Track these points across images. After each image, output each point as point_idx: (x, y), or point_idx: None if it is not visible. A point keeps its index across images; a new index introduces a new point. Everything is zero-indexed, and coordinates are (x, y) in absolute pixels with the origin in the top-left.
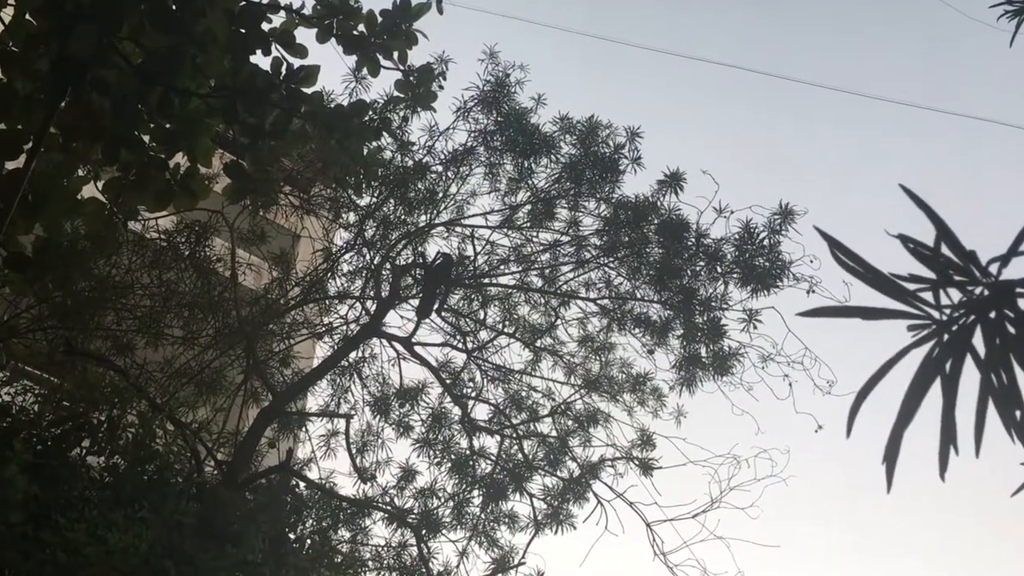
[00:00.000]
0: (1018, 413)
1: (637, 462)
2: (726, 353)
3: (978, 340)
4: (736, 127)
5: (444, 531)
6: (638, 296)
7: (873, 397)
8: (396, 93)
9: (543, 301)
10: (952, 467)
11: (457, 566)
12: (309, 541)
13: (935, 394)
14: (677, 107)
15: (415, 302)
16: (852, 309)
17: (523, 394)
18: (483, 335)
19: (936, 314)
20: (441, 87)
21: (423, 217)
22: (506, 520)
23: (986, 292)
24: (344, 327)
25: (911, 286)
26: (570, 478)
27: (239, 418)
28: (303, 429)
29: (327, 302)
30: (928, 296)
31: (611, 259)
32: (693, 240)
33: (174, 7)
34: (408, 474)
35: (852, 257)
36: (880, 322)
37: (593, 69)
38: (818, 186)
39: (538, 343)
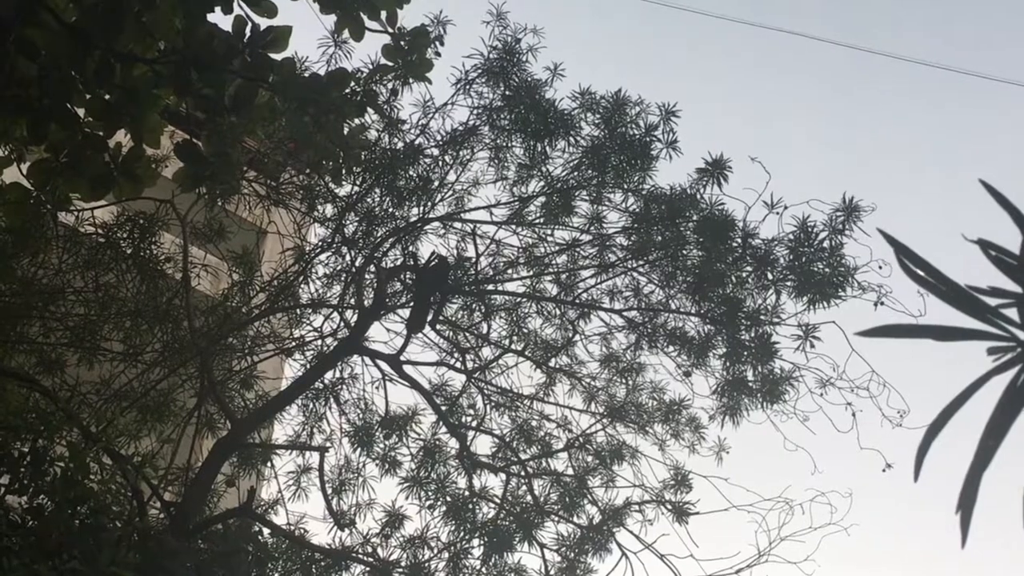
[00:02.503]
0: None
1: (670, 506)
2: (777, 376)
3: None
4: (794, 106)
5: None
6: (673, 307)
7: (950, 431)
8: (384, 61)
9: (558, 312)
10: None
11: None
12: None
13: (1021, 428)
14: (722, 83)
15: (405, 312)
16: (923, 328)
17: (533, 424)
18: (486, 353)
19: (1021, 334)
20: (438, 54)
21: (415, 210)
22: (512, 575)
23: None
24: (319, 342)
25: (992, 301)
26: (589, 525)
27: (191, 451)
28: (268, 464)
29: (298, 311)
30: (1013, 313)
31: (641, 262)
32: (739, 240)
33: None
34: (395, 519)
35: (924, 266)
36: (957, 343)
37: (623, 34)
38: (890, 176)
39: (552, 363)
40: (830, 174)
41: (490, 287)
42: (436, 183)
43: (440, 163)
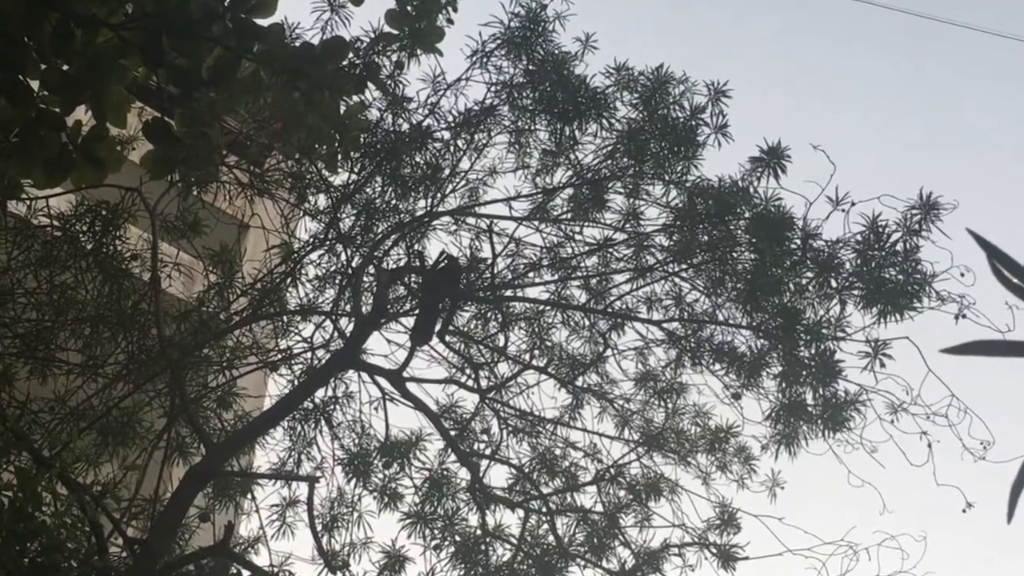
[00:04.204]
0: None
1: (714, 550)
2: (841, 400)
3: None
4: (864, 87)
5: None
6: (720, 319)
7: None
8: (387, 29)
9: (587, 323)
10: None
11: None
12: None
13: None
14: (779, 58)
15: (409, 321)
16: (1017, 345)
17: (557, 452)
18: (503, 369)
19: None
20: (451, 21)
21: (422, 203)
22: None
23: None
24: (309, 354)
25: None
26: (621, 570)
27: (159, 479)
28: (248, 496)
29: (285, 319)
30: None
31: (684, 266)
32: (798, 242)
33: None
34: (395, 561)
35: (1020, 272)
36: None
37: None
38: (975, 167)
39: (580, 381)
40: (905, 165)
41: (508, 293)
42: (447, 171)
43: (452, 148)
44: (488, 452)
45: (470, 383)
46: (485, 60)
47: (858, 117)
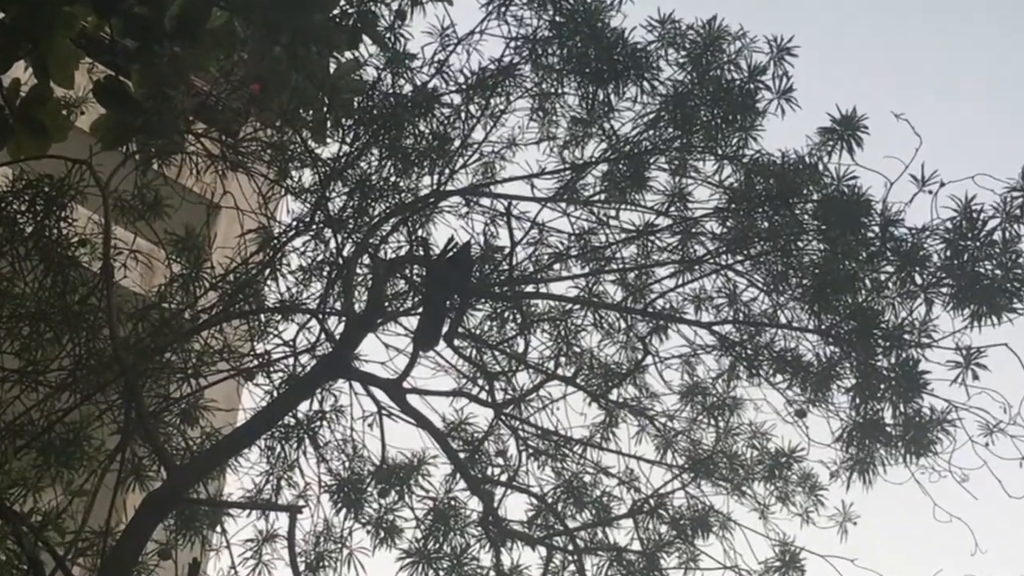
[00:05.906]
0: None
1: None
2: (926, 419)
3: None
4: (952, 44)
5: None
6: (783, 321)
7: None
8: None
9: (624, 325)
10: None
11: None
12: None
13: None
14: (860, 11)
15: (411, 322)
16: None
17: (586, 479)
18: (522, 379)
19: None
20: None
21: (427, 180)
22: None
23: None
24: (291, 360)
25: None
26: None
27: (111, 508)
28: (218, 529)
29: (263, 318)
30: None
31: (739, 258)
32: (876, 229)
33: None
34: None
35: None
36: None
37: None
38: None
39: (614, 395)
40: (1005, 139)
41: (529, 288)
42: (457, 143)
43: (463, 115)
44: (504, 478)
45: (483, 396)
46: (503, 10)
47: (950, 82)
